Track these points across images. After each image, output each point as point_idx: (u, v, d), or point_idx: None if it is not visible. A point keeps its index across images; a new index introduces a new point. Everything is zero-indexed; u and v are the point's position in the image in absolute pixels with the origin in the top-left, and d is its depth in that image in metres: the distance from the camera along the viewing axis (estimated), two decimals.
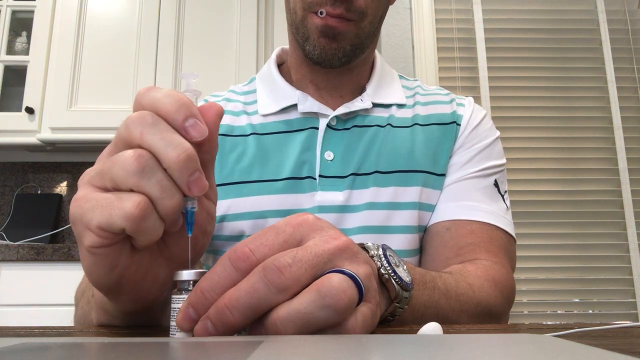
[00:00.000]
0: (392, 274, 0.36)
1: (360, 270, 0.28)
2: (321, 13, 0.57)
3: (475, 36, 2.05)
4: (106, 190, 0.29)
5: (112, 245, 0.29)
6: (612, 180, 1.97)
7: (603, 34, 2.05)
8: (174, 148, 0.28)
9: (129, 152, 0.28)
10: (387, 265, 0.35)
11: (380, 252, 0.36)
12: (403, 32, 2.03)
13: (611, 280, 1.90)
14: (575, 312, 1.89)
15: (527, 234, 1.89)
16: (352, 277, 0.27)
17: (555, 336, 0.27)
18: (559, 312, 1.89)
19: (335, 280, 0.26)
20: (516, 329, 0.42)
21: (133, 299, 0.34)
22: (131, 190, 0.28)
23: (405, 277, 0.37)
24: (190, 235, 0.31)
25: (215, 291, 0.27)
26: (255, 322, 0.27)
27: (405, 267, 0.38)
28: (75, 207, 0.29)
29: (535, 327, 0.40)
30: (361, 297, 0.28)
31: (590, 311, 1.89)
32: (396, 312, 0.37)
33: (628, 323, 0.41)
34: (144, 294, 0.34)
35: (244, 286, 0.27)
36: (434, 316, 0.44)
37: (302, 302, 0.26)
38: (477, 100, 1.96)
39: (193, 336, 0.28)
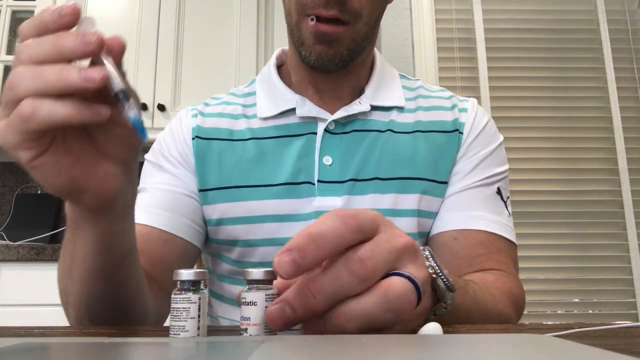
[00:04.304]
0: (440, 274, 0.36)
1: (420, 274, 0.31)
2: (312, 19, 0.56)
3: (475, 36, 2.05)
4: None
5: (45, 153, 0.32)
6: (612, 180, 1.97)
7: (603, 34, 2.05)
8: (52, 71, 0.30)
9: (10, 75, 0.32)
10: (435, 265, 0.36)
11: (427, 252, 0.37)
12: (403, 32, 2.03)
13: (611, 280, 1.90)
14: (575, 312, 1.89)
15: (527, 234, 1.89)
16: (414, 283, 0.29)
17: (555, 336, 0.27)
18: (559, 312, 1.89)
19: (401, 287, 0.28)
20: (516, 329, 0.42)
21: (94, 194, 0.36)
22: None
23: (449, 277, 0.38)
24: (145, 139, 0.33)
25: (324, 238, 0.28)
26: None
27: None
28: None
29: (535, 327, 0.40)
30: (419, 303, 0.30)
31: (590, 311, 1.89)
32: (438, 311, 0.38)
33: (628, 323, 0.41)
34: (101, 187, 0.36)
35: (328, 272, 0.28)
36: (465, 321, 0.45)
37: (369, 303, 0.28)
38: (477, 100, 1.96)
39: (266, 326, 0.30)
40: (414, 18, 2.04)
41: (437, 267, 0.36)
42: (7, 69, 1.95)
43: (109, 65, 0.32)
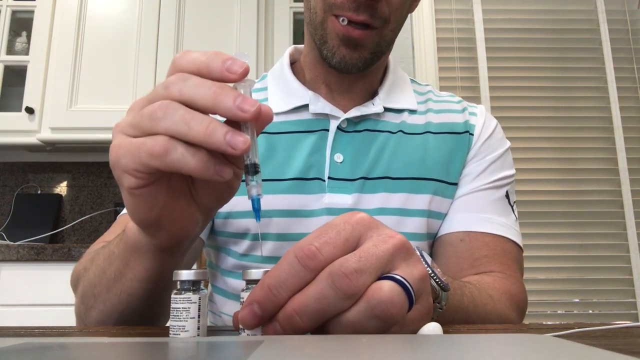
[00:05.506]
0: (432, 274, 0.36)
1: (415, 272, 0.29)
2: (343, 20, 0.56)
3: (475, 36, 2.05)
4: (136, 137, 0.31)
5: (149, 185, 0.32)
6: (612, 180, 1.97)
7: (603, 34, 2.05)
8: (201, 121, 0.29)
9: (156, 104, 0.30)
10: (425, 265, 0.35)
11: (417, 252, 0.36)
12: (403, 32, 2.03)
13: (611, 280, 1.90)
14: (575, 312, 1.89)
15: (527, 234, 1.89)
16: (403, 285, 0.28)
17: (555, 336, 0.27)
18: (559, 312, 1.89)
19: (385, 291, 0.27)
20: (516, 329, 0.42)
21: (170, 234, 0.37)
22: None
23: (442, 277, 0.37)
24: (259, 222, 0.33)
25: (283, 289, 0.27)
26: None
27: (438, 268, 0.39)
28: (112, 154, 0.32)
29: (535, 327, 0.40)
30: (411, 304, 0.28)
31: (590, 311, 1.89)
32: (434, 312, 0.37)
33: (628, 323, 0.41)
34: (179, 231, 0.37)
35: (312, 292, 0.27)
36: (463, 322, 0.45)
37: (352, 312, 0.27)
38: (477, 100, 1.96)
39: (262, 333, 0.29)
40: (414, 18, 2.04)
41: (428, 268, 0.36)
42: (7, 69, 1.95)
43: (249, 133, 0.31)
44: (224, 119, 0.31)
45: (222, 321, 0.66)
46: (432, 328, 0.30)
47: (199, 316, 0.30)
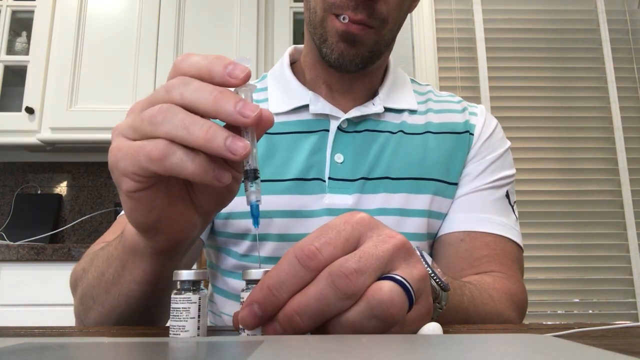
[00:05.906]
0: (432, 274, 0.36)
1: (415, 272, 0.29)
2: (344, 19, 0.57)
3: (475, 36, 2.05)
4: (135, 140, 0.31)
5: (147, 189, 0.32)
6: (612, 180, 1.97)
7: (603, 34, 2.05)
8: (201, 126, 0.29)
9: (156, 107, 0.30)
10: (425, 265, 0.35)
11: (417, 252, 0.36)
12: (403, 32, 2.03)
13: (611, 280, 1.90)
14: (575, 312, 1.89)
15: (527, 234, 1.89)
16: (403, 285, 0.27)
17: (555, 336, 0.27)
18: (559, 312, 1.89)
19: (385, 292, 0.27)
20: (516, 329, 0.42)
21: (168, 237, 0.37)
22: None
23: (442, 277, 0.37)
24: (257, 227, 0.33)
25: (283, 289, 0.27)
26: None
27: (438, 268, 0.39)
28: (111, 157, 0.32)
29: (535, 327, 0.40)
30: (411, 304, 0.28)
31: (590, 311, 1.89)
32: (434, 312, 0.37)
33: (628, 323, 0.41)
34: (178, 234, 0.37)
35: (312, 292, 0.27)
36: (463, 322, 0.45)
37: (352, 312, 0.27)
38: (477, 100, 1.96)
39: (262, 333, 0.28)
40: (414, 18, 2.04)
41: (428, 268, 0.35)
42: (6, 69, 1.95)
43: (250, 138, 0.31)
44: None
45: (222, 321, 0.66)
46: (432, 328, 0.30)
47: (199, 316, 0.30)
